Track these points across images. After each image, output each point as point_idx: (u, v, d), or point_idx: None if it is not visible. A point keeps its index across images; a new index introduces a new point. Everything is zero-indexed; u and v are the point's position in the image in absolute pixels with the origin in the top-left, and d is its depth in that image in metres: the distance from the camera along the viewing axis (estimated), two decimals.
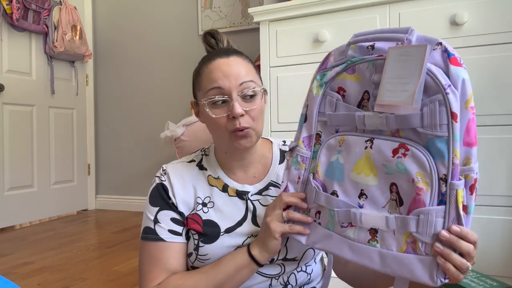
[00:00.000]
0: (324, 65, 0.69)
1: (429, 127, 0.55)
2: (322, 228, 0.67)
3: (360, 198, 0.62)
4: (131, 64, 3.40)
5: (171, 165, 0.89)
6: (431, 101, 0.54)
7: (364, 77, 0.63)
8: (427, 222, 0.55)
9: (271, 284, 0.83)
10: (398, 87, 0.56)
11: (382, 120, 0.59)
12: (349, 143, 0.63)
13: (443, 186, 0.54)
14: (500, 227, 1.37)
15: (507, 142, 1.38)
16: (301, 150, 0.70)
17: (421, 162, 0.56)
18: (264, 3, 2.10)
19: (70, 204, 3.34)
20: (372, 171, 0.60)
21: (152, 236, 0.83)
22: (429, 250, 0.56)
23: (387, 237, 0.59)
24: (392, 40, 0.60)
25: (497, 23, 1.39)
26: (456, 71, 0.55)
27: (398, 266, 0.58)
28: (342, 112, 0.66)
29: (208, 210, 0.84)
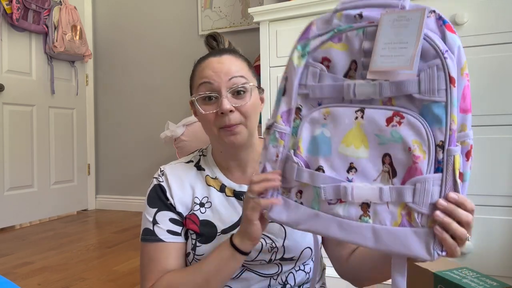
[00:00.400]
0: (306, 34, 0.64)
1: (426, 92, 0.53)
2: (306, 207, 0.62)
3: (349, 172, 0.58)
4: (131, 64, 3.40)
5: (169, 166, 0.89)
6: (429, 66, 0.53)
7: (351, 46, 0.59)
8: (424, 191, 0.53)
9: (269, 284, 0.84)
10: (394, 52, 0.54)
11: (375, 88, 0.56)
12: (336, 115, 0.59)
13: (440, 153, 0.53)
14: (500, 227, 1.37)
15: (507, 142, 1.38)
16: (279, 125, 0.64)
17: (417, 129, 0.54)
18: (264, 3, 2.10)
19: (70, 204, 3.34)
20: (363, 143, 0.57)
21: (151, 237, 0.83)
22: (425, 222, 0.54)
23: (380, 211, 0.56)
24: (385, 6, 0.57)
25: (497, 23, 1.39)
26: (453, 37, 0.54)
27: (393, 242, 0.55)
28: (327, 83, 0.61)
29: (205, 211, 0.84)
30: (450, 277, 0.84)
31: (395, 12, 0.55)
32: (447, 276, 0.84)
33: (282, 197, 0.65)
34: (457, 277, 0.83)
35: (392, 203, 0.56)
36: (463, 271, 0.87)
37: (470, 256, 1.39)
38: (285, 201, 0.64)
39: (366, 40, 0.57)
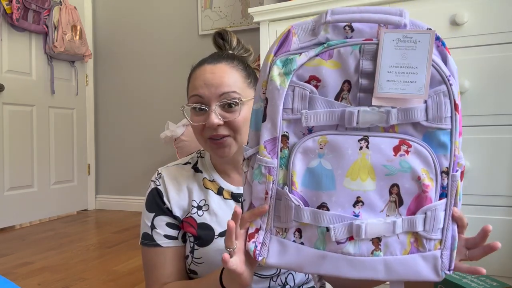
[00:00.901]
0: (286, 46, 0.56)
1: (434, 120, 0.52)
2: (309, 248, 0.56)
3: (355, 206, 0.54)
4: (131, 64, 3.40)
5: (166, 169, 0.89)
6: (435, 93, 0.51)
7: (345, 64, 0.53)
8: (434, 218, 0.53)
9: (269, 286, 0.83)
10: (403, 77, 0.51)
11: (382, 116, 0.52)
12: (336, 145, 0.53)
13: (444, 179, 0.53)
14: (500, 227, 1.37)
15: (507, 142, 1.38)
16: (264, 158, 0.55)
17: (424, 158, 0.52)
18: (264, 3, 2.10)
19: (70, 204, 3.34)
20: (370, 174, 0.53)
21: (149, 242, 0.84)
22: (432, 246, 0.54)
23: (391, 243, 0.54)
24: (384, 23, 0.52)
25: (497, 23, 1.39)
26: (452, 61, 0.53)
27: (403, 270, 0.54)
28: (321, 108, 0.54)
29: (203, 213, 0.84)
30: (450, 277, 0.84)
31: (398, 31, 0.51)
32: (447, 276, 0.84)
33: (278, 239, 0.57)
34: (457, 277, 0.83)
35: (402, 233, 0.55)
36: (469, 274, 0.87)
37: None
38: (281, 243, 0.57)
39: (365, 60, 0.52)
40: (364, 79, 0.53)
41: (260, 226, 0.58)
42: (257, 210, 0.57)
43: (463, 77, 1.42)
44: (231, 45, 0.89)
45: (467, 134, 1.42)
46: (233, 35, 0.90)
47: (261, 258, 0.57)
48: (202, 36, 3.09)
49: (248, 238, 0.58)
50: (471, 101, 1.41)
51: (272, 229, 0.58)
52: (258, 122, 0.57)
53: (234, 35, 0.90)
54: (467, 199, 1.40)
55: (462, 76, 1.42)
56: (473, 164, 1.40)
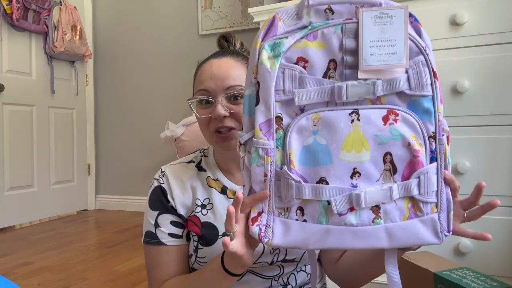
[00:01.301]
0: (272, 31, 0.58)
1: (416, 88, 0.56)
2: (312, 224, 0.58)
3: (353, 177, 0.56)
4: (131, 64, 3.40)
5: (170, 167, 0.89)
6: (415, 63, 0.55)
7: (329, 44, 0.56)
8: (427, 181, 0.56)
9: (271, 285, 0.83)
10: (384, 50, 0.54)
11: (369, 87, 0.55)
12: (328, 120, 0.56)
13: (432, 143, 0.57)
14: (500, 227, 1.37)
15: (507, 142, 1.38)
16: (260, 140, 0.57)
17: (412, 124, 0.56)
18: (264, 3, 2.10)
19: (70, 204, 3.34)
20: (363, 145, 0.56)
21: (153, 240, 0.84)
22: (429, 209, 0.57)
23: (390, 210, 0.56)
24: (361, 2, 0.56)
25: (497, 23, 1.39)
26: (426, 34, 0.58)
27: (405, 236, 0.56)
28: (311, 86, 0.56)
29: (206, 212, 0.84)
30: (450, 277, 0.84)
31: (375, 9, 0.55)
32: (447, 276, 0.84)
33: (281, 219, 0.59)
34: (457, 277, 0.83)
35: (399, 199, 0.57)
36: (463, 271, 0.87)
37: (470, 256, 1.39)
38: (284, 223, 0.59)
39: (347, 38, 0.55)
40: (348, 56, 0.56)
41: (262, 209, 0.59)
42: (258, 195, 0.58)
43: (463, 77, 1.42)
44: (235, 47, 0.90)
45: (467, 134, 1.42)
46: (237, 38, 0.91)
47: (266, 239, 0.59)
48: (202, 36, 3.09)
49: (251, 222, 0.59)
50: (471, 101, 1.41)
51: (274, 211, 0.59)
52: (251, 107, 0.59)
53: (238, 38, 0.92)
54: None
55: (462, 76, 1.42)
56: (473, 164, 1.40)
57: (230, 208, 0.57)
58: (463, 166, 1.40)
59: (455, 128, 1.43)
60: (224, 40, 0.90)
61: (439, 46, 1.46)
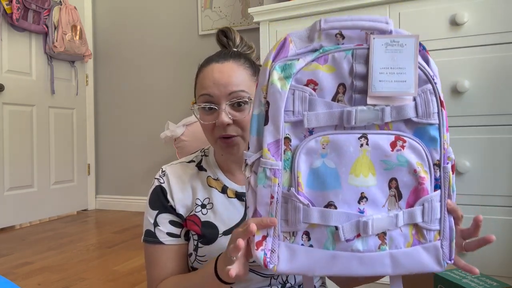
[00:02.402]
0: (284, 53, 0.58)
1: (423, 116, 0.57)
2: (319, 250, 0.57)
3: (360, 202, 0.56)
4: (131, 64, 3.40)
5: (170, 167, 0.89)
6: (423, 91, 0.56)
7: (339, 68, 0.57)
8: (431, 209, 0.57)
9: (270, 283, 0.84)
10: (393, 77, 0.55)
11: (377, 113, 0.56)
12: (337, 143, 0.56)
13: (437, 171, 0.57)
14: (500, 227, 1.37)
15: (507, 142, 1.38)
16: (268, 161, 0.57)
17: (418, 152, 0.57)
18: (264, 3, 2.10)
19: (70, 204, 3.34)
20: (370, 170, 0.56)
21: (152, 239, 0.84)
22: (432, 237, 0.58)
23: (395, 236, 0.57)
24: (373, 29, 0.57)
25: (497, 23, 1.39)
26: (433, 62, 0.58)
27: (409, 263, 0.57)
28: (321, 109, 0.57)
29: (207, 212, 0.84)
30: (450, 277, 0.84)
31: (387, 36, 0.56)
32: (447, 276, 0.84)
33: (286, 244, 0.58)
34: (457, 277, 0.83)
35: (404, 225, 0.57)
36: (463, 271, 0.87)
37: (470, 256, 1.39)
38: (290, 248, 0.57)
39: (358, 63, 0.56)
40: (358, 81, 0.56)
41: (267, 233, 0.58)
42: (265, 222, 0.57)
43: (463, 77, 1.42)
44: (234, 43, 0.89)
45: (467, 134, 1.42)
46: (236, 33, 0.90)
47: (272, 265, 0.57)
48: (202, 36, 3.09)
49: (256, 247, 0.57)
50: (471, 101, 1.41)
51: (279, 235, 0.58)
52: (260, 126, 0.58)
53: (237, 32, 0.90)
54: (467, 199, 1.40)
55: (462, 76, 1.42)
56: (473, 164, 1.40)
57: (240, 241, 0.56)
58: (463, 166, 1.40)
59: (455, 128, 1.43)
60: (223, 36, 0.89)
61: (439, 46, 1.46)
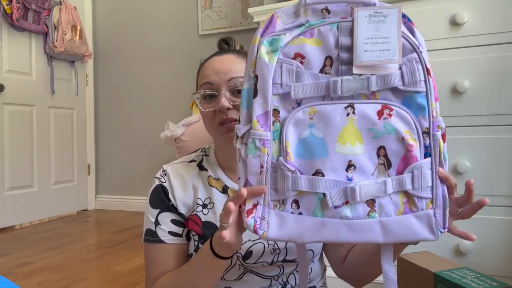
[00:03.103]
0: (271, 28, 0.60)
1: (410, 84, 0.57)
2: (308, 217, 0.58)
3: (348, 170, 0.57)
4: (131, 64, 3.41)
5: (171, 166, 0.89)
6: (408, 60, 0.57)
7: (325, 41, 0.58)
8: (421, 176, 0.57)
9: (270, 285, 0.83)
10: (378, 46, 0.56)
11: (363, 82, 0.57)
12: (324, 114, 0.57)
13: (426, 139, 0.58)
14: (500, 227, 1.37)
15: (507, 142, 1.38)
16: (257, 132, 0.58)
17: (406, 120, 0.57)
18: (264, 3, 2.10)
19: (70, 204, 3.34)
20: (358, 138, 0.57)
21: (153, 238, 0.84)
22: (424, 205, 0.58)
23: (385, 204, 0.57)
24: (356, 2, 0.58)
25: (497, 23, 1.39)
26: (419, 33, 0.60)
27: (400, 231, 0.57)
28: (308, 81, 0.58)
29: (207, 212, 0.84)
30: (450, 277, 0.84)
31: (369, 8, 0.57)
32: (447, 276, 0.84)
33: (276, 212, 0.59)
34: (457, 277, 0.83)
35: (394, 193, 0.58)
36: (463, 271, 0.87)
37: (470, 256, 1.39)
38: (279, 215, 0.59)
39: (343, 36, 0.57)
40: (344, 53, 0.58)
41: (257, 201, 0.59)
42: (255, 190, 0.58)
43: (463, 77, 1.42)
44: (234, 49, 0.92)
45: (467, 134, 1.42)
46: (237, 41, 0.93)
47: (261, 232, 0.59)
48: (202, 36, 3.09)
49: (246, 214, 0.59)
50: (471, 101, 1.41)
51: (269, 203, 0.59)
52: (249, 100, 0.60)
53: (237, 41, 0.93)
54: None
55: (462, 76, 1.42)
56: (473, 164, 1.40)
57: (230, 204, 0.58)
58: (463, 166, 1.40)
59: (455, 128, 1.43)
60: (224, 43, 0.92)
61: (439, 46, 1.46)
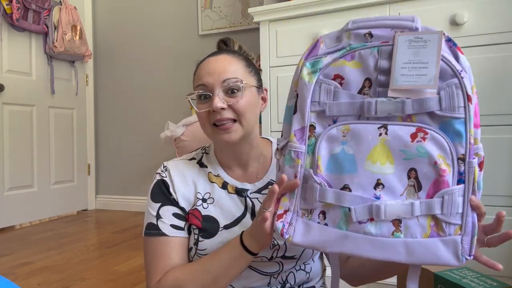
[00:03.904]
0: (314, 52, 0.65)
1: (447, 109, 0.57)
2: (332, 228, 0.61)
3: (376, 188, 0.59)
4: (131, 64, 3.41)
5: (172, 162, 0.91)
6: (448, 85, 0.57)
7: (365, 64, 0.60)
8: (451, 202, 0.57)
9: (269, 283, 0.84)
10: (415, 71, 0.57)
11: (397, 105, 0.58)
12: (357, 132, 0.60)
13: (461, 165, 0.57)
14: None
15: (507, 142, 1.38)
16: (294, 144, 0.63)
17: (441, 144, 0.57)
18: (264, 3, 2.10)
19: (70, 204, 3.34)
20: (388, 159, 0.58)
21: (155, 231, 0.84)
22: (452, 231, 0.57)
23: (411, 225, 0.58)
24: (399, 27, 0.59)
25: (497, 23, 1.39)
26: (464, 58, 0.59)
27: (424, 253, 0.57)
28: (344, 100, 0.61)
29: (208, 206, 0.85)
30: (450, 277, 0.84)
31: (410, 33, 0.58)
32: (447, 276, 0.84)
33: (303, 220, 0.63)
34: (457, 277, 0.83)
35: (422, 216, 0.58)
36: (463, 271, 0.87)
37: None
38: (306, 224, 0.63)
39: (382, 59, 0.59)
40: (382, 76, 0.59)
41: (288, 208, 0.64)
42: (289, 182, 0.63)
43: None
44: (233, 49, 0.92)
45: None
46: (236, 42, 0.94)
47: (287, 236, 0.63)
48: (202, 36, 3.09)
49: (276, 218, 0.64)
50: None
51: (298, 211, 0.64)
52: (290, 116, 0.65)
53: (236, 41, 0.94)
54: None
55: None
56: None
57: (275, 187, 0.63)
58: None
59: None
60: (223, 44, 0.93)
61: None
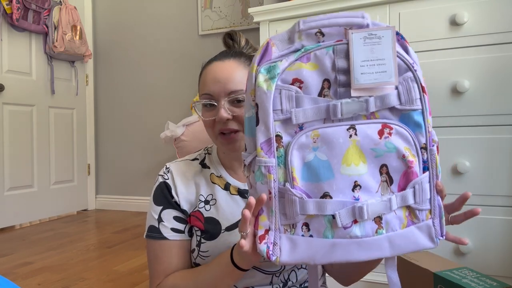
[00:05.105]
0: (267, 56, 0.61)
1: (406, 103, 0.59)
2: (318, 239, 0.59)
3: (354, 190, 0.58)
4: (131, 64, 3.41)
5: (174, 164, 0.91)
6: (404, 79, 0.59)
7: (322, 65, 0.59)
8: (421, 190, 0.60)
9: (271, 281, 0.84)
10: (374, 69, 0.58)
11: (362, 104, 0.58)
12: (327, 137, 0.58)
13: (424, 154, 0.60)
14: (500, 227, 1.37)
15: (507, 142, 1.38)
16: (262, 159, 0.59)
17: (405, 137, 0.59)
18: (264, 3, 2.10)
19: (70, 204, 3.34)
20: (361, 159, 0.59)
21: (156, 234, 0.85)
22: (424, 216, 0.61)
23: (390, 219, 0.59)
24: (350, 25, 0.59)
25: (497, 23, 1.39)
26: (413, 51, 0.61)
27: (405, 243, 0.59)
28: (307, 105, 0.59)
29: (210, 208, 0.85)
30: (450, 277, 0.84)
31: (364, 30, 0.58)
32: (447, 276, 0.84)
33: (287, 236, 0.60)
34: (457, 277, 0.84)
35: (398, 208, 0.60)
36: (463, 271, 0.87)
37: (470, 256, 1.39)
38: (291, 239, 0.60)
39: (339, 58, 0.58)
40: (341, 75, 0.59)
41: (269, 227, 0.61)
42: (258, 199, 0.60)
43: (463, 77, 1.42)
44: (240, 45, 0.92)
45: (467, 134, 1.42)
46: (242, 36, 0.93)
47: (274, 257, 0.60)
48: (202, 36, 3.09)
49: (259, 240, 0.60)
50: (471, 101, 1.41)
51: (280, 228, 0.61)
52: (252, 128, 0.61)
53: (242, 35, 0.93)
54: None
55: (462, 76, 1.42)
56: (473, 164, 1.40)
57: (246, 212, 0.59)
58: (463, 166, 1.40)
59: (455, 128, 1.43)
60: (229, 38, 0.92)
61: (439, 46, 1.46)
